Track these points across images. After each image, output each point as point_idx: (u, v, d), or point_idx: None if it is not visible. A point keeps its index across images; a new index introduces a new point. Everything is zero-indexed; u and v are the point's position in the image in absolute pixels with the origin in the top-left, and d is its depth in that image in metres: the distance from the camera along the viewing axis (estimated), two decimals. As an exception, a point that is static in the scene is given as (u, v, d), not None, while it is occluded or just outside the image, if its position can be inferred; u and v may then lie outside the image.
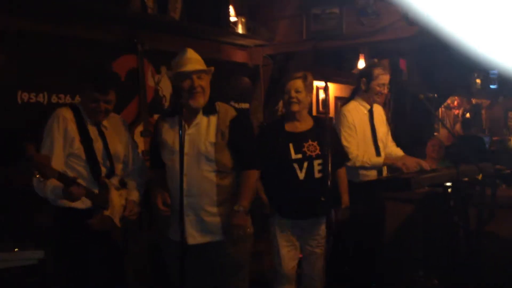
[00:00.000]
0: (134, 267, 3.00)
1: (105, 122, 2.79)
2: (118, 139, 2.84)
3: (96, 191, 2.63)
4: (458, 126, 9.10)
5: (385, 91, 3.70)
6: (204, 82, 2.65)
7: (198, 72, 2.63)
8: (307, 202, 3.07)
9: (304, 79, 3.15)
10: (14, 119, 3.26)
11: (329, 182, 2.88)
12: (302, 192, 3.06)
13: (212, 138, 2.63)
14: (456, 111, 9.57)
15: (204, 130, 2.64)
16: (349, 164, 3.44)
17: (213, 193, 2.62)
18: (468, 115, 9.66)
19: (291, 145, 3.07)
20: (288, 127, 3.16)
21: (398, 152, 3.79)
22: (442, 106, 8.53)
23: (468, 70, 7.71)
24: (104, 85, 2.67)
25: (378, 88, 3.64)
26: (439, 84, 6.92)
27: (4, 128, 3.20)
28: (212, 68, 2.72)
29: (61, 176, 2.40)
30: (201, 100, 2.63)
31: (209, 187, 2.62)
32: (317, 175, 3.08)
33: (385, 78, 3.67)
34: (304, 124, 3.19)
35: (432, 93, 6.56)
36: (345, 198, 3.24)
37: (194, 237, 2.62)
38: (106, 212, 2.63)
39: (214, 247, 2.65)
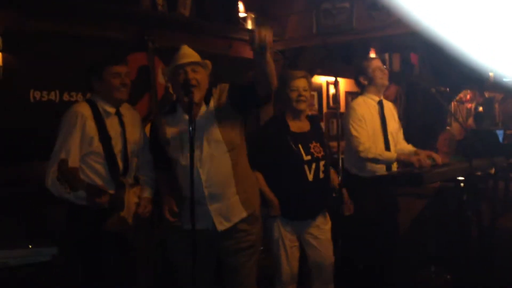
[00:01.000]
0: (144, 264, 3.02)
1: (122, 110, 2.78)
2: (134, 132, 2.83)
3: (113, 191, 2.62)
4: (470, 120, 9.01)
5: (385, 72, 3.66)
6: (199, 76, 2.59)
7: (191, 64, 2.60)
8: (314, 203, 3.09)
9: (307, 78, 3.17)
10: (27, 117, 3.29)
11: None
12: (310, 193, 3.06)
13: (213, 119, 2.62)
14: (469, 105, 9.48)
15: (206, 118, 2.63)
16: (361, 155, 3.43)
17: (231, 174, 2.63)
18: (481, 109, 9.56)
19: (300, 147, 3.07)
20: (293, 127, 3.14)
21: (410, 148, 3.76)
22: (455, 100, 8.45)
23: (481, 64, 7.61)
24: (119, 57, 2.71)
25: (376, 73, 3.61)
26: (451, 78, 6.86)
27: (17, 127, 3.24)
28: (208, 62, 2.68)
29: (89, 188, 2.43)
30: (196, 95, 2.55)
31: (226, 171, 2.62)
32: (321, 175, 3.09)
33: (374, 63, 3.64)
34: (305, 123, 3.20)
35: (444, 87, 6.51)
36: (344, 190, 3.29)
37: (222, 224, 2.64)
38: (122, 214, 2.63)
39: (237, 229, 2.67)
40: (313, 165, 3.07)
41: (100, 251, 2.62)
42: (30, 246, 2.40)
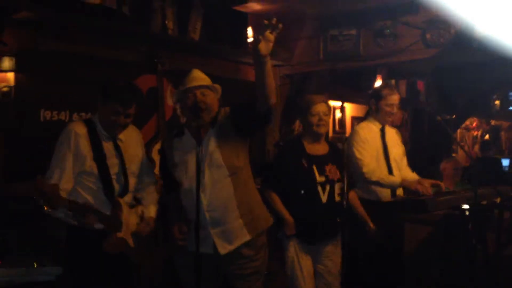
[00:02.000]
0: (149, 283, 3.00)
1: (121, 135, 2.73)
2: (134, 151, 2.81)
3: (108, 212, 2.59)
4: (476, 148, 9.00)
5: (394, 110, 3.70)
6: (208, 99, 2.61)
7: (201, 87, 2.61)
8: (327, 225, 3.09)
9: (327, 103, 3.25)
10: (37, 136, 3.33)
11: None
12: (324, 215, 3.06)
13: (214, 143, 2.62)
14: (475, 132, 9.48)
15: (209, 142, 2.63)
16: (365, 177, 3.45)
17: (232, 198, 2.62)
18: (487, 136, 9.55)
19: (314, 167, 3.09)
20: (309, 149, 3.18)
21: (414, 176, 3.76)
22: (461, 127, 8.46)
23: (486, 91, 7.66)
24: (128, 99, 2.63)
25: (387, 108, 3.66)
26: (457, 105, 6.89)
27: (27, 146, 3.28)
28: (217, 86, 2.68)
29: (72, 206, 2.39)
30: (205, 118, 2.58)
31: (228, 195, 2.61)
32: (337, 198, 3.10)
33: (393, 98, 3.68)
34: (323, 147, 3.23)
35: (450, 115, 6.54)
36: (366, 217, 3.34)
37: (224, 247, 2.63)
38: (120, 234, 2.59)
39: (241, 256, 2.66)
40: (327, 187, 3.07)
41: (100, 273, 2.58)
42: (35, 265, 2.40)
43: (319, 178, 3.08)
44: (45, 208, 2.29)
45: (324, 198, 3.06)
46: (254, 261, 2.70)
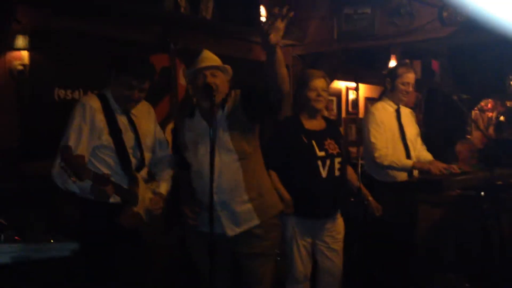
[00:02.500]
0: (162, 261, 3.01)
1: (133, 110, 2.71)
2: (147, 126, 2.79)
3: (125, 186, 2.60)
4: (491, 129, 8.89)
5: (410, 89, 3.65)
6: (218, 80, 2.60)
7: (211, 68, 2.61)
8: (327, 200, 3.07)
9: (326, 79, 3.18)
10: (51, 115, 3.35)
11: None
12: (324, 190, 3.04)
13: (225, 127, 2.61)
14: (490, 114, 9.35)
15: (220, 124, 2.62)
16: (377, 161, 3.43)
17: (241, 183, 2.63)
18: (502, 118, 9.42)
19: (314, 142, 3.07)
20: (307, 125, 3.14)
21: (428, 156, 3.73)
22: (476, 108, 8.35)
23: (502, 72, 7.53)
24: (142, 72, 2.60)
25: (402, 87, 3.61)
26: (472, 86, 6.78)
27: (42, 125, 3.30)
28: (228, 67, 2.68)
29: (96, 177, 2.38)
30: (215, 98, 2.54)
31: (236, 179, 2.62)
32: (337, 173, 3.08)
33: (409, 77, 3.62)
34: (321, 123, 3.20)
35: (466, 95, 6.44)
36: (365, 191, 3.37)
37: (232, 229, 2.65)
38: (135, 209, 2.60)
39: (252, 235, 2.67)
40: (327, 162, 3.05)
41: (114, 249, 2.60)
42: (52, 241, 2.43)
43: (319, 153, 3.06)
44: (72, 180, 2.27)
45: (324, 173, 3.04)
46: (265, 241, 2.70)
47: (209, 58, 2.66)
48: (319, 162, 3.04)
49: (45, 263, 2.40)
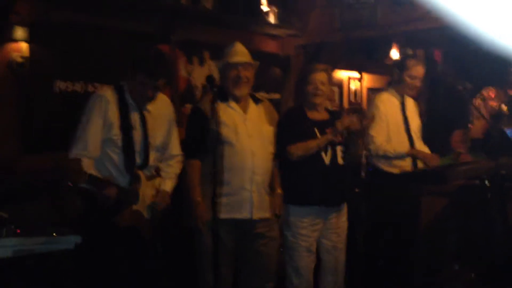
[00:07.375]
0: (161, 257, 2.99)
1: (149, 106, 2.70)
2: (160, 124, 2.77)
3: (127, 185, 2.58)
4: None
5: (418, 84, 3.59)
6: (249, 73, 2.88)
7: (245, 64, 2.85)
8: (332, 188, 3.04)
9: (327, 72, 3.15)
10: (51, 107, 3.33)
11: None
12: (328, 177, 3.02)
13: (272, 124, 2.96)
14: (493, 103, 9.31)
15: (261, 116, 2.94)
16: (372, 152, 3.41)
17: (270, 173, 2.93)
18: (504, 107, 9.38)
19: (316, 130, 3.05)
20: (310, 115, 3.13)
21: (424, 149, 3.70)
22: (479, 98, 8.31)
23: (505, 61, 7.49)
24: (156, 71, 2.61)
25: (409, 80, 3.53)
26: (474, 75, 6.74)
27: (42, 117, 3.28)
28: (257, 62, 2.93)
29: (92, 180, 2.39)
30: (245, 90, 2.88)
31: (270, 167, 2.92)
32: (340, 161, 3.07)
33: (417, 70, 3.56)
34: (322, 115, 3.18)
35: (469, 84, 6.40)
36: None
37: (258, 211, 2.85)
38: (135, 207, 2.59)
39: (267, 223, 2.90)
40: (329, 149, 3.03)
41: (115, 244, 2.57)
42: (55, 234, 2.41)
43: None
44: (68, 184, 2.33)
45: (327, 160, 3.02)
46: (275, 227, 2.97)
47: (242, 52, 2.89)
48: (321, 150, 3.02)
49: (48, 256, 2.39)
